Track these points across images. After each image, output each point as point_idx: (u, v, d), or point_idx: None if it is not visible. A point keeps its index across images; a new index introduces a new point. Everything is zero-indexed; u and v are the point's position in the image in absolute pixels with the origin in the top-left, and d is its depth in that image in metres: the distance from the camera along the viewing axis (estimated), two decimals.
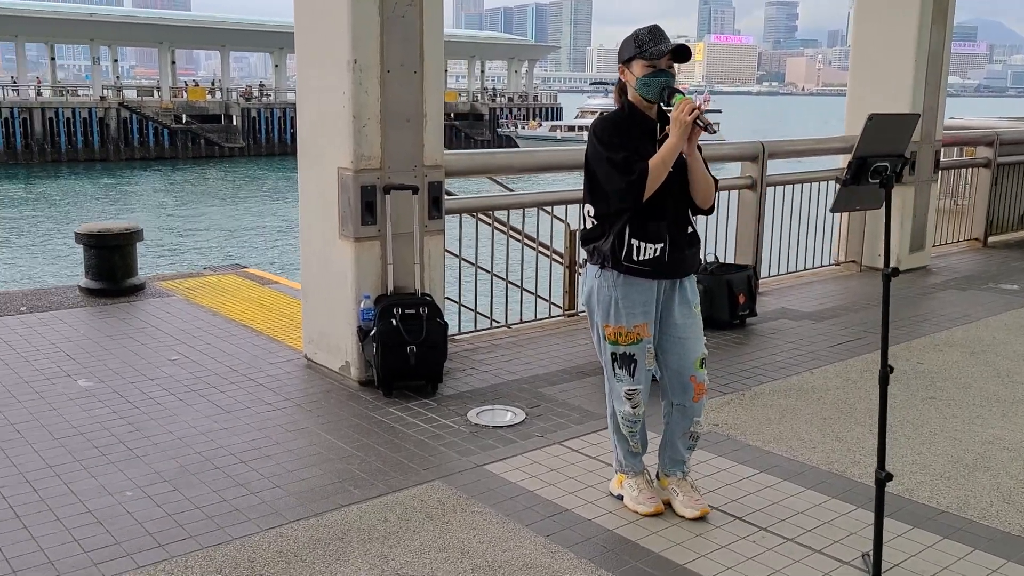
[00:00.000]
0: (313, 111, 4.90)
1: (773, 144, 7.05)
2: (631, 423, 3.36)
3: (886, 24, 7.79)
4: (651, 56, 3.11)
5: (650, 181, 3.07)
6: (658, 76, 3.13)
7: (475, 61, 71.01)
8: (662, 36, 3.16)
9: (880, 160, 2.56)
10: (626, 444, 3.45)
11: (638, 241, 3.16)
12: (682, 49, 3.12)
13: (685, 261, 3.26)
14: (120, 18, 57.29)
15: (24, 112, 46.04)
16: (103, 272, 6.68)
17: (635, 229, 3.16)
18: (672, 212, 3.20)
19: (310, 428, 4.22)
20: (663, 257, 3.17)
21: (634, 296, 3.20)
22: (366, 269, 4.74)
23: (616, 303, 3.21)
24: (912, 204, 7.97)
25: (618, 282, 3.20)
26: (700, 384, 3.33)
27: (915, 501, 3.56)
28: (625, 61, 3.20)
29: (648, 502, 3.37)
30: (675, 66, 3.17)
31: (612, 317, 3.24)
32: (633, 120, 3.21)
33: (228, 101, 52.98)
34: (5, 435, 4.05)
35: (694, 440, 3.45)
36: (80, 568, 2.97)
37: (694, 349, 3.30)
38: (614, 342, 3.25)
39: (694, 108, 3.03)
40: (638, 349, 3.24)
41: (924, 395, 4.82)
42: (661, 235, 3.16)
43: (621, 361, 3.26)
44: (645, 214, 3.14)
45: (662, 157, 3.08)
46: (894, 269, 2.61)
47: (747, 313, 6.13)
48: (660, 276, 3.21)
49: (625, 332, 3.22)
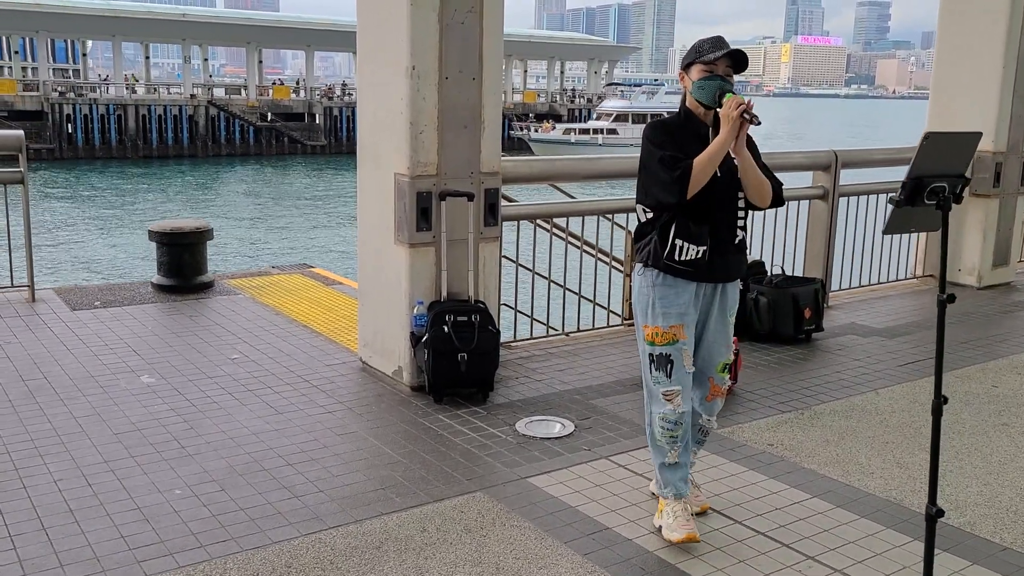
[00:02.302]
0: (372, 116, 4.93)
1: (847, 153, 6.83)
2: (671, 424, 3.26)
3: (972, 28, 7.46)
4: (707, 60, 3.15)
5: (695, 177, 3.08)
6: (713, 80, 3.15)
7: (555, 62, 70.98)
8: (722, 43, 3.19)
9: (938, 180, 2.43)
10: (663, 455, 3.32)
11: (682, 241, 3.17)
12: (738, 55, 3.15)
13: (728, 267, 3.27)
14: (211, 18, 59.09)
15: (119, 109, 47.91)
16: (174, 269, 6.87)
17: (680, 229, 3.17)
18: (718, 217, 3.20)
19: (359, 432, 4.25)
20: (704, 259, 3.17)
21: (672, 297, 3.22)
22: (420, 275, 4.75)
23: (653, 304, 3.24)
24: (996, 217, 7.62)
25: (657, 282, 3.23)
26: (717, 386, 3.41)
27: (976, 535, 3.38)
28: (685, 67, 3.25)
29: (680, 529, 3.27)
30: (733, 75, 3.19)
31: (650, 317, 3.26)
32: (686, 125, 3.25)
33: (311, 100, 54.18)
34: (68, 428, 4.19)
35: (703, 435, 3.54)
36: (123, 565, 3.04)
37: (720, 354, 3.36)
38: (651, 342, 3.26)
39: (741, 103, 3.04)
40: (674, 350, 3.24)
41: (996, 421, 4.59)
42: (704, 238, 3.17)
43: (658, 362, 3.26)
44: (690, 215, 3.16)
45: (709, 153, 3.09)
46: (950, 295, 2.48)
47: (813, 328, 5.95)
48: (700, 279, 3.22)
49: (661, 332, 3.23)
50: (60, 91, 47.75)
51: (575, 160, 6.31)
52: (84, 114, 46.90)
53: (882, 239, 7.25)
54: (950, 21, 7.69)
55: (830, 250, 6.77)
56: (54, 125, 46.29)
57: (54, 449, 3.95)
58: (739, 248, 3.27)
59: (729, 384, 3.52)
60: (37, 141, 43.63)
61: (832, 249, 6.78)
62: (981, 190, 7.48)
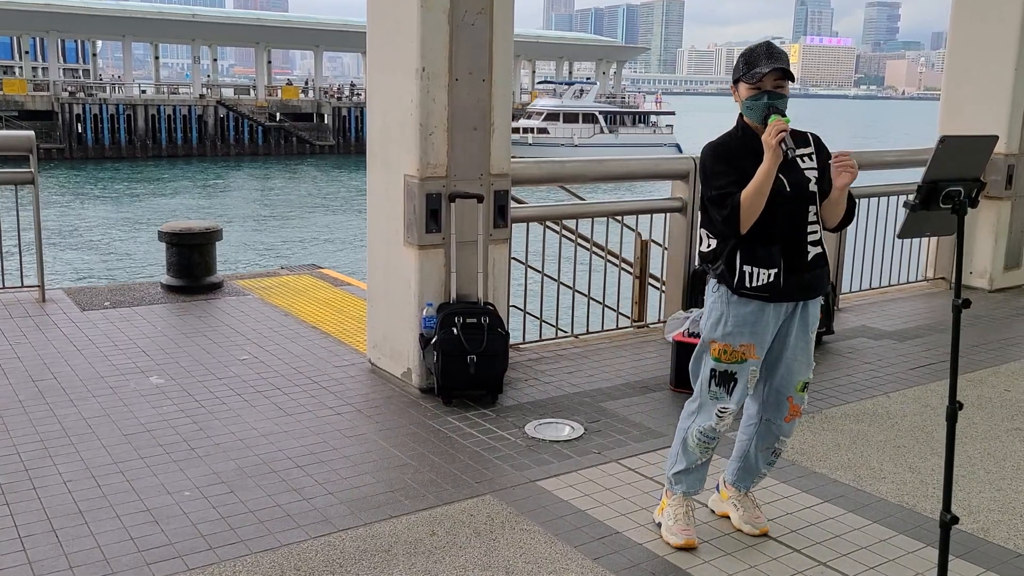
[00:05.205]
0: (381, 117, 4.92)
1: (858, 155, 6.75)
2: (709, 439, 3.23)
3: (985, 28, 7.42)
4: (751, 79, 3.03)
5: (744, 213, 2.97)
6: (759, 99, 3.02)
7: (563, 62, 70.93)
8: (762, 55, 3.04)
9: (953, 184, 2.41)
10: (688, 459, 3.28)
11: (750, 267, 3.05)
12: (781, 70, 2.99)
13: (806, 284, 3.12)
14: (220, 19, 59.29)
15: (129, 109, 48.09)
16: (183, 270, 6.88)
17: (745, 255, 3.06)
18: (787, 236, 3.06)
19: (367, 434, 4.24)
20: (778, 283, 3.05)
21: (746, 316, 3.10)
22: (429, 277, 4.74)
23: (726, 321, 3.13)
24: (1008, 220, 7.57)
25: (731, 300, 3.11)
26: (796, 406, 3.27)
27: (990, 542, 3.35)
28: (734, 82, 3.12)
29: (681, 533, 3.25)
30: (786, 84, 3.04)
31: (719, 332, 3.14)
32: (744, 141, 3.10)
33: (320, 100, 54.29)
34: (77, 429, 4.19)
35: (775, 456, 3.37)
36: (133, 567, 3.04)
37: (800, 372, 3.23)
38: (717, 358, 3.16)
39: (782, 129, 2.92)
40: (740, 369, 3.14)
41: (1009, 426, 4.55)
42: (774, 261, 3.04)
43: (720, 379, 3.16)
44: (754, 240, 3.04)
45: (755, 185, 2.96)
46: (966, 300, 2.45)
47: (824, 331, 5.91)
48: (777, 300, 3.10)
49: (731, 351, 3.13)
50: (70, 91, 47.97)
51: (585, 162, 6.30)
52: (94, 114, 47.13)
53: (892, 241, 7.21)
54: (961, 24, 7.65)
55: (840, 252, 6.73)
56: (64, 125, 46.52)
57: (64, 450, 3.95)
58: (815, 263, 3.11)
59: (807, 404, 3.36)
60: (47, 141, 43.84)
61: (842, 251, 6.74)
62: (993, 192, 7.43)
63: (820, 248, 3.14)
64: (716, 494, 3.53)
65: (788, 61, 3.07)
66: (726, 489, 3.47)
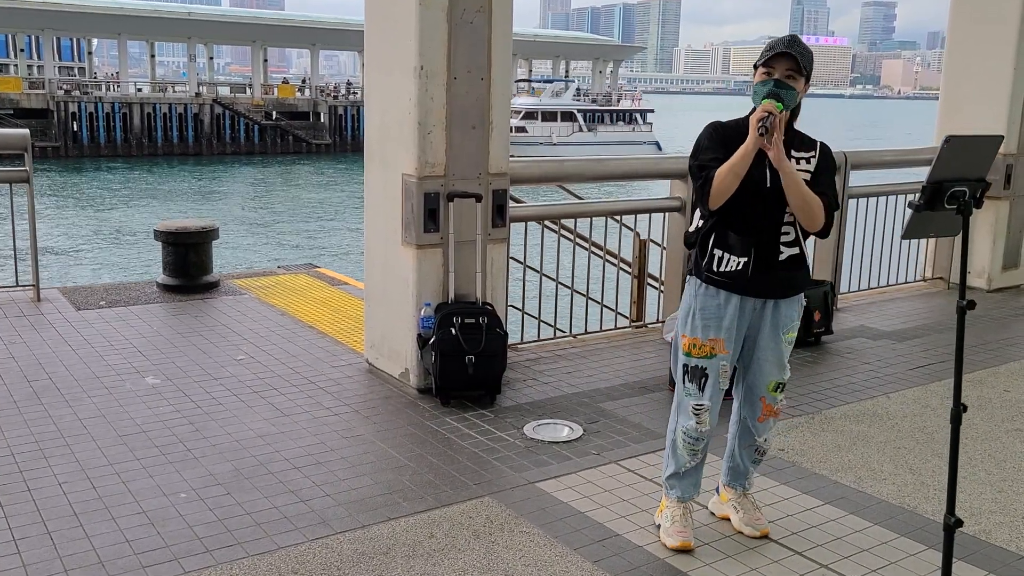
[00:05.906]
0: (379, 116, 4.89)
1: (856, 155, 6.77)
2: (693, 439, 3.22)
3: (984, 26, 7.40)
4: (763, 63, 3.03)
5: (715, 188, 2.96)
6: (766, 84, 3.01)
7: (559, 61, 70.86)
8: (782, 43, 3.03)
9: (958, 184, 2.38)
10: (677, 462, 3.27)
11: (721, 251, 3.07)
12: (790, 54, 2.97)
13: (776, 282, 3.09)
14: (216, 17, 59.10)
15: (124, 107, 47.93)
16: (179, 269, 6.84)
17: (719, 239, 3.08)
18: (763, 228, 3.05)
19: (365, 436, 4.21)
20: (745, 272, 3.03)
21: (713, 309, 3.10)
22: (427, 277, 4.71)
23: (694, 313, 3.14)
24: (1007, 220, 7.55)
25: (699, 292, 3.13)
26: (769, 406, 3.25)
27: (991, 544, 3.33)
28: (754, 68, 3.11)
29: (677, 535, 3.23)
30: (799, 79, 3.01)
31: (689, 327, 3.16)
32: (746, 127, 3.04)
33: (316, 99, 54.15)
34: (73, 430, 4.15)
35: (759, 455, 3.35)
36: (129, 570, 3.00)
37: (771, 373, 3.20)
38: (688, 353, 3.16)
39: (766, 111, 2.91)
40: (710, 364, 3.13)
41: (1009, 427, 4.54)
42: (745, 249, 3.03)
43: (692, 374, 3.16)
44: (732, 225, 3.04)
45: (730, 164, 2.96)
46: (970, 302, 2.43)
47: (822, 331, 5.90)
48: (741, 292, 3.08)
49: (700, 344, 3.13)
50: (65, 89, 47.80)
51: (584, 161, 6.27)
52: (89, 112, 46.92)
53: (891, 241, 7.19)
54: (961, 23, 7.63)
55: (839, 252, 6.71)
56: (59, 123, 46.32)
57: (59, 451, 3.92)
58: (787, 265, 3.09)
59: (783, 404, 3.33)
60: (43, 139, 43.67)
61: (841, 251, 6.73)
62: (991, 192, 7.35)
63: (796, 250, 3.11)
64: (716, 496, 3.52)
65: (806, 56, 3.02)
66: (725, 491, 3.46)
